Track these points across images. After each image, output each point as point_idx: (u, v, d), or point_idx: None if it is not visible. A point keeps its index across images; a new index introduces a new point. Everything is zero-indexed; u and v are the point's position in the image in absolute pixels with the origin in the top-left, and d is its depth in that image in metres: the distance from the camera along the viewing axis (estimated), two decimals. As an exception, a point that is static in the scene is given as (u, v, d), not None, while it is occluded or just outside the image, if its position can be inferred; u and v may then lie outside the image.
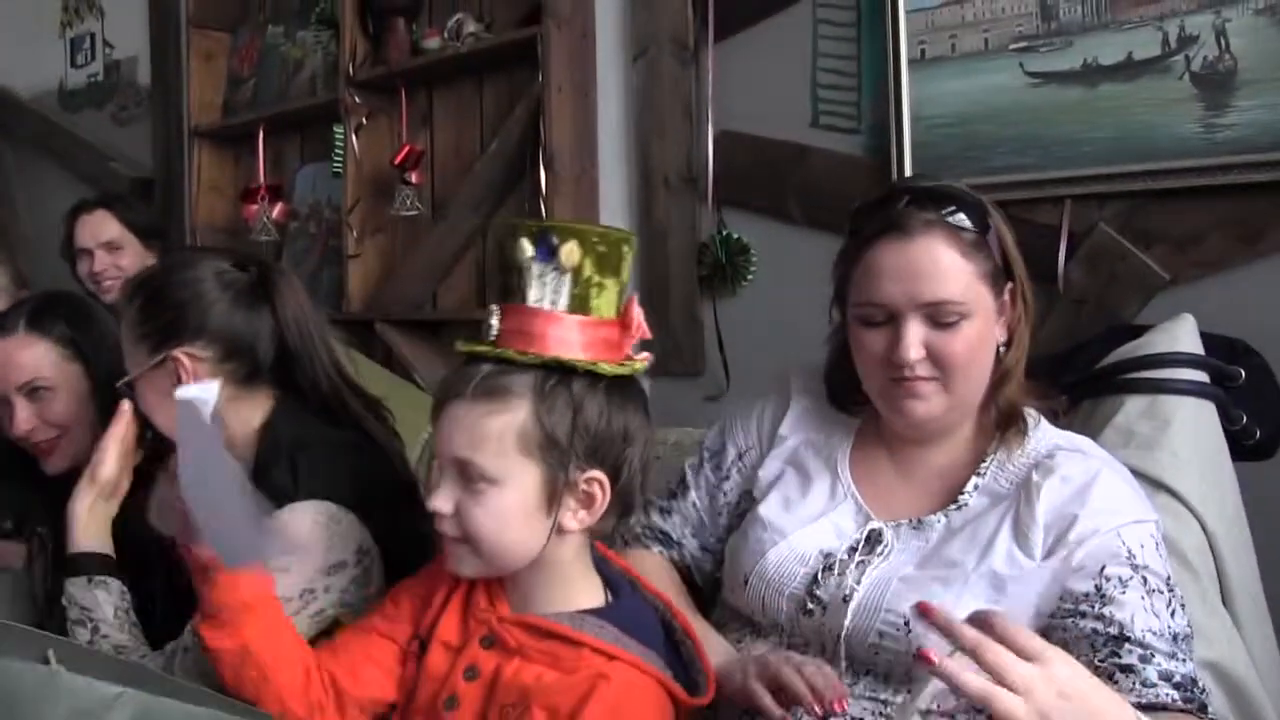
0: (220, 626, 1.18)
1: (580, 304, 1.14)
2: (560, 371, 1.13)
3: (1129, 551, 1.18)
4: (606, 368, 1.14)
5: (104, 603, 1.44)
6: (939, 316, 1.24)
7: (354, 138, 2.92)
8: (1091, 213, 1.90)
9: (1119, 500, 1.23)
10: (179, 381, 1.43)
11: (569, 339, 1.13)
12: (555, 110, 2.46)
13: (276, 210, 3.22)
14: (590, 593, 1.20)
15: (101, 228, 2.87)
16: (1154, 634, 1.14)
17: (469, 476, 1.13)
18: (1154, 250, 1.84)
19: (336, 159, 2.97)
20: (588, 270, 1.14)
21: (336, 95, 2.95)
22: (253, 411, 1.50)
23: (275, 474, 1.41)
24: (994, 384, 1.30)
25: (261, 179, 3.24)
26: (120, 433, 1.54)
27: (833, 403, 1.41)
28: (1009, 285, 1.30)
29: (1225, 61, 1.75)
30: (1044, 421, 1.33)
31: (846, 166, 2.18)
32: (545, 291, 1.14)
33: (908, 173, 2.05)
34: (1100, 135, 1.87)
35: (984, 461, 1.30)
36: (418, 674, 1.22)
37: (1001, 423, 1.31)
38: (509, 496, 1.13)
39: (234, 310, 1.48)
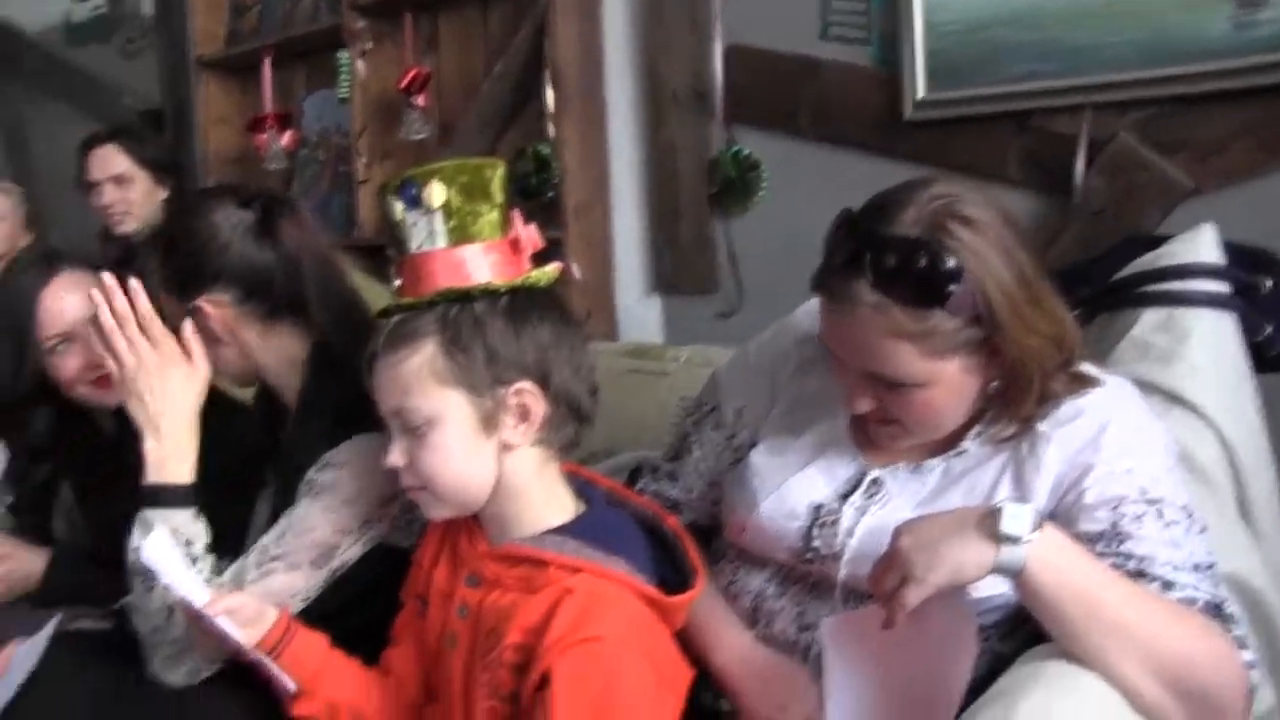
0: (300, 697, 1.27)
1: (460, 235, 1.20)
2: (459, 301, 1.18)
3: (1141, 488, 1.15)
4: (500, 285, 1.19)
5: (204, 533, 1.42)
6: (886, 379, 1.17)
7: (359, 63, 2.87)
8: (1112, 121, 1.85)
9: (1131, 444, 1.18)
10: (208, 327, 1.47)
11: (458, 269, 1.19)
12: (561, 29, 2.42)
13: (286, 138, 3.19)
14: (559, 510, 1.22)
15: (110, 161, 2.89)
16: (1174, 566, 1.11)
17: (408, 424, 1.18)
18: (1176, 158, 1.79)
19: (343, 85, 2.94)
20: (456, 203, 1.19)
21: (340, 21, 2.91)
22: (289, 344, 1.50)
23: (317, 415, 1.45)
24: (991, 399, 1.21)
25: (268, 107, 3.20)
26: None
27: None
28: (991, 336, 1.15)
29: (1261, -48, 1.67)
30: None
31: (857, 79, 2.13)
32: (423, 236, 1.20)
33: (920, 85, 2.00)
34: (1123, 39, 1.80)
35: (989, 411, 1.24)
36: (425, 630, 1.28)
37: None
38: (447, 430, 1.17)
39: (245, 250, 1.49)
